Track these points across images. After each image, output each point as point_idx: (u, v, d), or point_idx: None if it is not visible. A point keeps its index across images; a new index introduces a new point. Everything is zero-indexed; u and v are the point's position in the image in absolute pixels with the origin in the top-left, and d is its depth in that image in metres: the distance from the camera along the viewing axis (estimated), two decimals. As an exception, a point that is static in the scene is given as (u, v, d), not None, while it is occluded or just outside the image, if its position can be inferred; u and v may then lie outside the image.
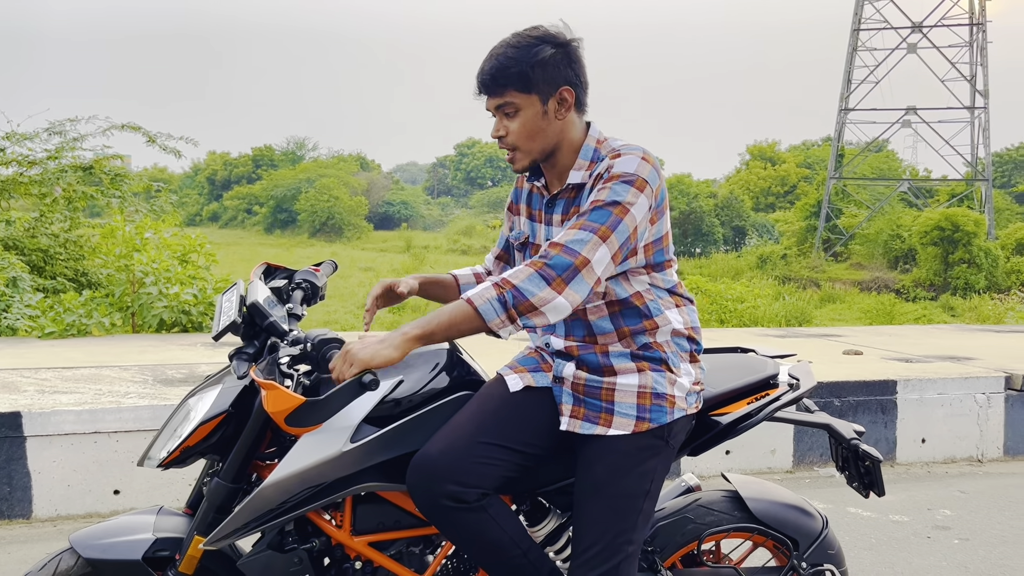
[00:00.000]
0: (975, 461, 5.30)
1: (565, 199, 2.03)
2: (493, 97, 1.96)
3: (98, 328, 7.06)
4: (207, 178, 71.15)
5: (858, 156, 40.02)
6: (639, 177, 1.88)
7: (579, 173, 1.99)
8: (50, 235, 9.03)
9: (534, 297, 1.78)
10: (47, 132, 9.10)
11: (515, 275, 1.81)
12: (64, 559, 2.06)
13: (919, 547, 3.85)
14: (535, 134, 1.97)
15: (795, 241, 36.90)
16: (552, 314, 1.81)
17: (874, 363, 5.90)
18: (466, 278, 2.36)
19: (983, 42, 35.49)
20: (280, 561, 1.99)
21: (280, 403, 1.82)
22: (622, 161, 1.91)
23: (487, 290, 1.80)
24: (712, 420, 2.18)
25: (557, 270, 1.80)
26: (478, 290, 1.81)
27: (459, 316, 1.80)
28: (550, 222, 2.06)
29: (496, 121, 1.99)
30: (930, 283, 28.73)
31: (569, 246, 1.82)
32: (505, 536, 1.97)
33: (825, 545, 2.37)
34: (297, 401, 1.82)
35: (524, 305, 1.79)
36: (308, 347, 1.88)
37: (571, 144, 2.01)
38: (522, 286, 1.79)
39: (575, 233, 1.83)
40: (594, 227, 1.83)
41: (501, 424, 1.98)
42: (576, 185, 2.00)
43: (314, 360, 1.89)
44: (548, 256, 1.82)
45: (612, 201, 1.85)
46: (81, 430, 4.00)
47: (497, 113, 1.98)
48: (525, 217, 2.17)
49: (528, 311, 1.79)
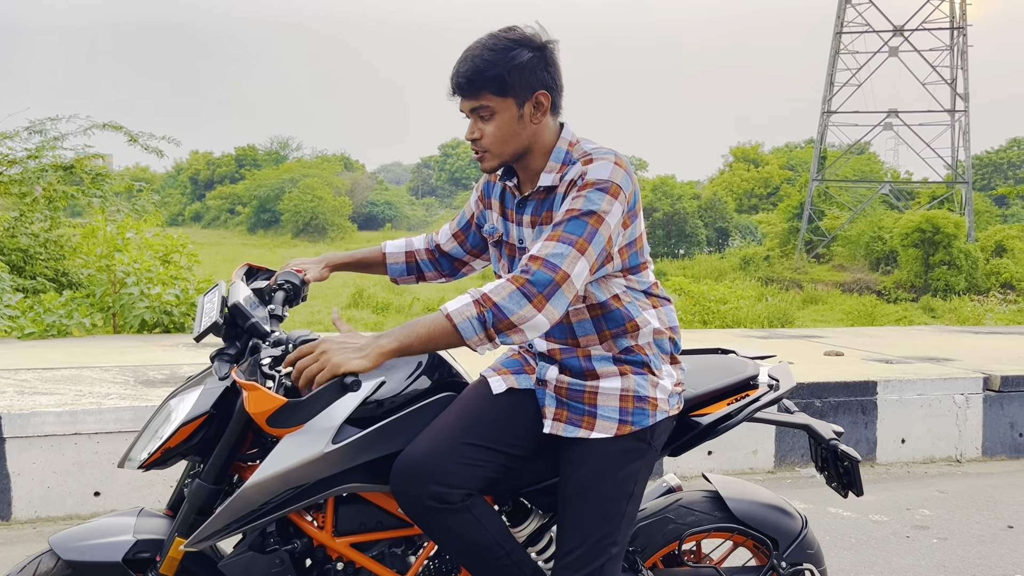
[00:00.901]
0: (954, 461, 5.35)
1: (535, 200, 2.02)
2: (468, 100, 1.95)
3: (79, 329, 7.00)
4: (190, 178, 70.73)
5: (840, 158, 40.33)
6: (613, 183, 1.88)
7: (550, 176, 1.98)
8: (30, 235, 8.94)
9: (514, 315, 1.77)
10: (27, 131, 9.02)
11: (496, 291, 1.79)
12: (44, 561, 2.04)
13: (898, 546, 3.89)
14: (509, 138, 1.96)
15: (778, 243, 37.10)
16: (531, 332, 1.80)
17: (855, 364, 5.95)
18: (395, 257, 2.39)
19: (964, 46, 35.85)
20: (262, 562, 1.98)
21: (261, 404, 1.82)
22: (595, 167, 1.90)
23: (467, 307, 1.78)
24: (693, 421, 2.19)
25: (538, 287, 1.78)
26: (458, 306, 1.79)
27: (437, 331, 1.78)
28: (520, 222, 2.06)
29: (471, 123, 1.99)
30: (911, 285, 28.97)
31: (549, 260, 1.80)
32: (489, 537, 1.97)
33: (804, 545, 2.39)
34: (279, 402, 1.82)
35: (504, 323, 1.77)
36: (290, 348, 1.88)
37: (543, 146, 2.00)
38: (503, 304, 1.77)
39: (554, 246, 1.82)
40: (572, 239, 1.82)
41: (485, 426, 1.99)
42: (547, 187, 1.99)
43: (296, 362, 1.88)
44: (529, 271, 1.79)
45: (588, 211, 1.84)
46: (61, 431, 3.97)
47: (471, 115, 1.97)
48: (498, 214, 2.16)
49: (507, 329, 1.78)
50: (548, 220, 1.98)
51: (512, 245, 2.11)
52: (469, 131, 1.99)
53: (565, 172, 1.96)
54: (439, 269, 2.41)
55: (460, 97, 1.96)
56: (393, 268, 2.39)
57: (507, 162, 2.00)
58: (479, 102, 1.93)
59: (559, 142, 2.01)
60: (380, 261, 2.39)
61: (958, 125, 36.00)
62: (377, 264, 2.40)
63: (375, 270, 2.42)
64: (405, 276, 2.41)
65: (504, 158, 1.99)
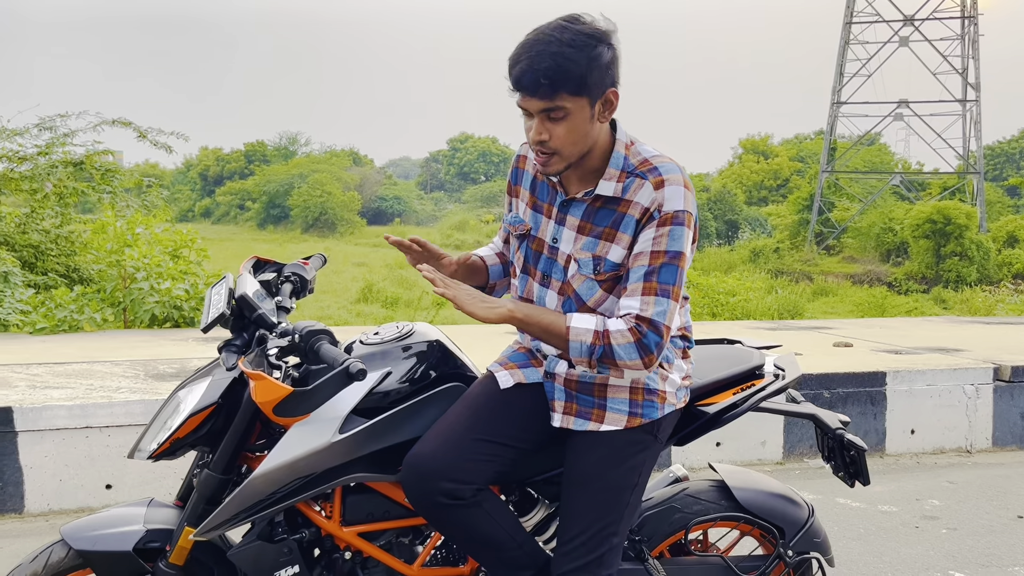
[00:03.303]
0: (964, 452, 5.33)
1: (586, 205, 1.93)
2: (541, 99, 1.78)
3: (89, 324, 7.05)
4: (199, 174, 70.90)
5: (850, 150, 40.10)
6: (688, 213, 1.85)
7: (610, 184, 1.89)
8: (41, 231, 9.00)
9: (622, 361, 1.85)
10: (37, 128, 9.07)
11: (616, 335, 1.84)
12: (55, 551, 2.07)
13: (907, 536, 3.88)
14: (579, 139, 1.84)
15: (788, 235, 36.96)
16: (628, 374, 1.91)
17: (864, 355, 5.93)
18: (491, 259, 2.28)
19: (975, 35, 35.54)
20: (270, 551, 2.00)
21: (268, 393, 1.83)
22: (669, 195, 1.84)
23: (587, 332, 1.85)
24: (699, 410, 2.20)
25: (651, 347, 1.84)
26: (580, 326, 1.86)
27: (554, 331, 1.88)
28: (562, 222, 1.97)
29: (536, 123, 1.82)
30: (922, 276, 28.83)
31: (655, 320, 1.84)
32: (501, 530, 1.99)
33: (811, 533, 2.40)
34: (285, 391, 1.83)
35: (609, 361, 1.86)
36: (296, 338, 1.89)
37: (601, 146, 1.90)
38: (617, 349, 1.84)
39: (655, 302, 1.84)
40: (668, 290, 1.85)
41: (493, 421, 2.00)
42: (605, 197, 1.90)
43: (302, 351, 1.90)
44: (644, 333, 1.83)
45: (675, 252, 1.85)
46: (72, 425, 4.00)
47: (539, 115, 1.81)
48: (527, 205, 2.07)
49: (610, 365, 1.87)
50: (611, 237, 1.90)
51: (541, 241, 2.02)
52: (536, 132, 1.83)
53: (627, 183, 1.88)
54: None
55: (529, 96, 1.79)
56: (493, 270, 2.27)
57: (573, 164, 1.88)
58: (554, 103, 1.78)
59: (616, 145, 1.91)
60: (483, 268, 2.26)
61: (969, 115, 35.74)
62: (481, 270, 2.25)
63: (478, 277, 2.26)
64: (502, 279, 2.30)
65: (572, 160, 1.86)
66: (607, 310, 1.96)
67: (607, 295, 1.95)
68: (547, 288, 2.03)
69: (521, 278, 2.11)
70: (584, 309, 1.97)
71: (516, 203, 2.13)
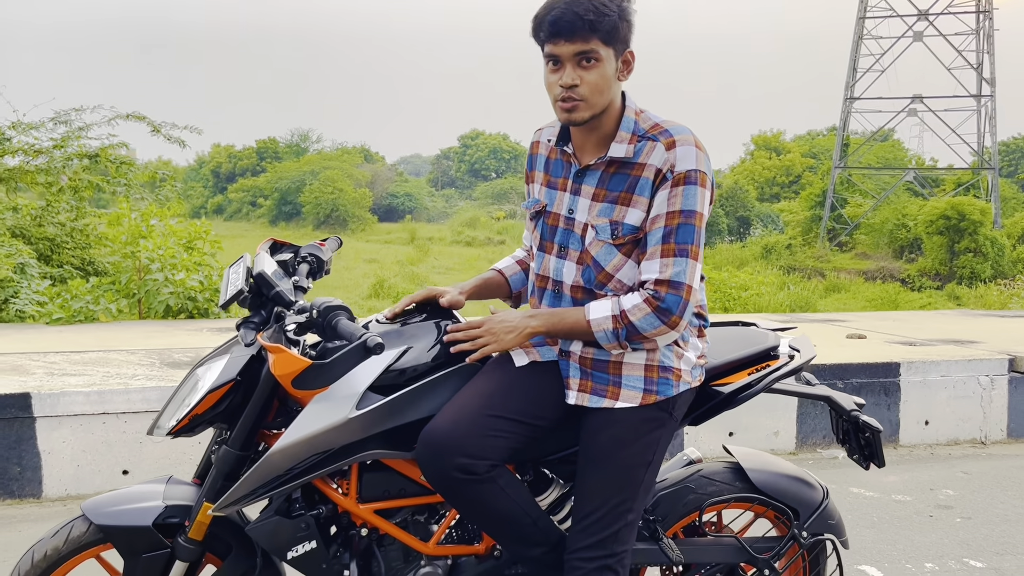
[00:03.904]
0: (978, 443, 5.31)
1: (599, 171, 1.97)
2: (576, 42, 1.82)
3: (105, 314, 7.10)
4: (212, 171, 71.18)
5: (863, 145, 39.87)
6: (701, 172, 1.88)
7: (621, 147, 1.93)
8: (57, 224, 9.07)
9: (648, 333, 1.92)
10: (52, 121, 9.12)
11: (633, 311, 1.90)
12: (76, 526, 2.09)
13: (921, 525, 3.87)
14: (605, 89, 1.88)
15: (800, 231, 36.79)
16: (662, 341, 1.96)
17: (877, 346, 5.91)
18: (511, 269, 2.32)
19: (989, 29, 35.27)
20: (287, 526, 2.02)
21: (287, 366, 1.85)
22: (681, 155, 1.87)
23: (606, 320, 1.92)
24: (713, 390, 2.20)
25: (672, 310, 1.89)
26: (599, 316, 1.93)
27: (578, 330, 1.96)
28: (578, 192, 2.00)
29: (568, 68, 1.86)
30: (935, 272, 28.64)
31: (675, 280, 1.88)
32: (515, 506, 2.00)
33: (826, 515, 2.40)
34: (304, 363, 1.85)
35: (637, 337, 1.93)
36: (314, 313, 1.91)
37: (614, 110, 1.95)
38: (638, 324, 1.90)
39: (673, 263, 1.89)
40: (687, 249, 1.89)
41: (508, 398, 2.01)
42: (619, 160, 1.94)
43: (320, 327, 1.91)
44: (661, 297, 1.89)
45: (690, 211, 1.88)
46: (90, 411, 4.04)
47: (571, 60, 1.85)
48: (543, 185, 2.10)
49: (640, 339, 1.94)
50: (627, 201, 1.93)
51: (556, 215, 2.05)
52: (569, 77, 1.85)
53: (639, 146, 1.92)
54: None
55: (563, 39, 1.83)
56: (514, 280, 2.31)
57: (595, 116, 1.91)
58: (588, 46, 1.83)
59: (626, 110, 1.96)
60: (502, 280, 2.31)
61: (984, 110, 35.47)
62: (500, 284, 2.30)
63: (499, 292, 2.32)
64: (525, 285, 2.32)
65: (596, 110, 1.90)
66: (625, 275, 1.97)
67: (626, 259, 1.97)
68: (564, 260, 2.04)
69: (537, 256, 2.12)
70: (603, 276, 1.98)
71: (532, 188, 2.17)
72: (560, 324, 1.97)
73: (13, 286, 7.17)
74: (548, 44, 1.87)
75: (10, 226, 8.40)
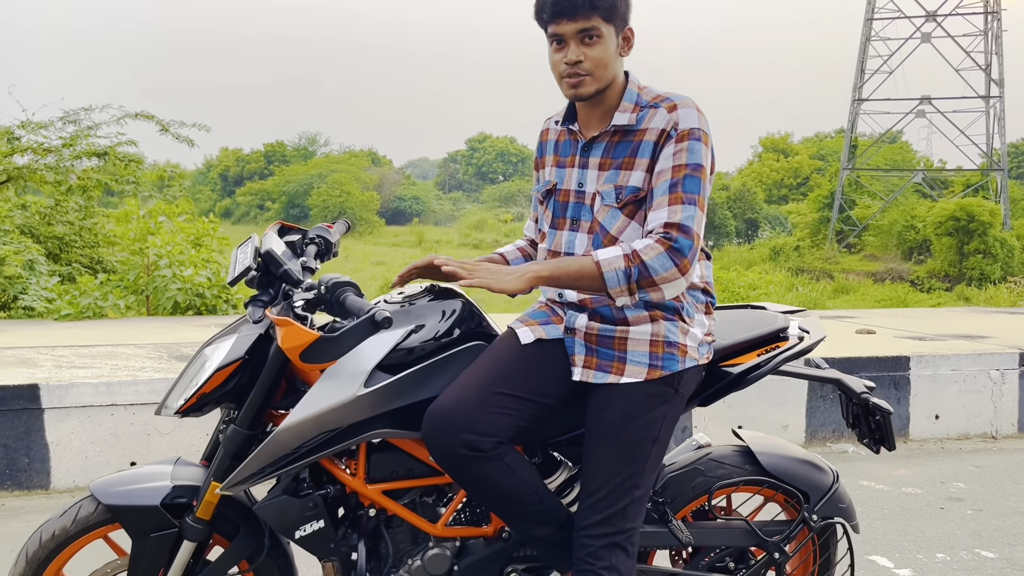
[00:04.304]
0: (989, 438, 5.28)
1: (604, 142, 2.02)
2: (578, 20, 1.90)
3: (113, 311, 7.12)
4: (219, 174, 71.49)
5: (872, 146, 39.74)
6: (703, 131, 1.93)
7: (624, 115, 1.98)
8: (66, 223, 9.12)
9: (658, 276, 1.86)
10: (62, 121, 9.18)
11: (645, 251, 1.87)
12: (84, 506, 2.10)
13: (932, 517, 3.85)
14: (608, 64, 1.95)
15: (808, 233, 36.69)
16: (670, 291, 1.91)
17: (887, 341, 5.88)
18: (512, 254, 2.36)
19: (998, 30, 35.11)
20: (295, 506, 2.01)
21: (296, 338, 1.85)
22: (683, 115, 1.93)
23: (617, 259, 1.87)
24: (723, 371, 2.19)
25: (684, 252, 1.87)
26: (609, 256, 1.88)
27: (585, 273, 1.89)
28: (585, 165, 2.04)
29: (572, 46, 1.93)
30: (945, 274, 28.50)
31: (685, 225, 1.88)
32: (521, 484, 1.99)
33: (836, 499, 2.38)
34: (312, 336, 1.84)
35: (647, 281, 1.87)
36: (322, 289, 1.91)
37: (617, 85, 2.01)
38: (650, 263, 1.86)
39: (682, 209, 1.89)
40: (694, 199, 1.90)
41: (514, 375, 2.00)
42: (621, 128, 1.99)
43: (328, 303, 1.91)
44: (673, 238, 1.87)
45: (696, 164, 1.91)
46: (98, 402, 4.05)
47: (574, 38, 1.93)
48: (552, 166, 2.15)
49: (649, 286, 1.88)
50: (630, 165, 1.97)
51: (567, 191, 2.08)
52: (572, 55, 1.93)
53: (641, 114, 1.97)
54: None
55: (565, 18, 1.91)
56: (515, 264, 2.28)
57: (600, 90, 1.97)
58: (589, 23, 1.91)
59: (628, 84, 2.02)
60: (503, 263, 2.30)
61: (993, 111, 35.31)
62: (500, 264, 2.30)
63: None
64: None
65: (601, 84, 1.96)
66: (629, 238, 1.99)
67: (629, 220, 1.98)
68: (576, 232, 2.06)
69: (550, 234, 2.13)
70: (608, 239, 2.00)
71: (543, 172, 2.20)
72: (565, 269, 1.91)
73: (22, 282, 7.20)
74: (551, 24, 1.94)
75: (19, 224, 8.44)
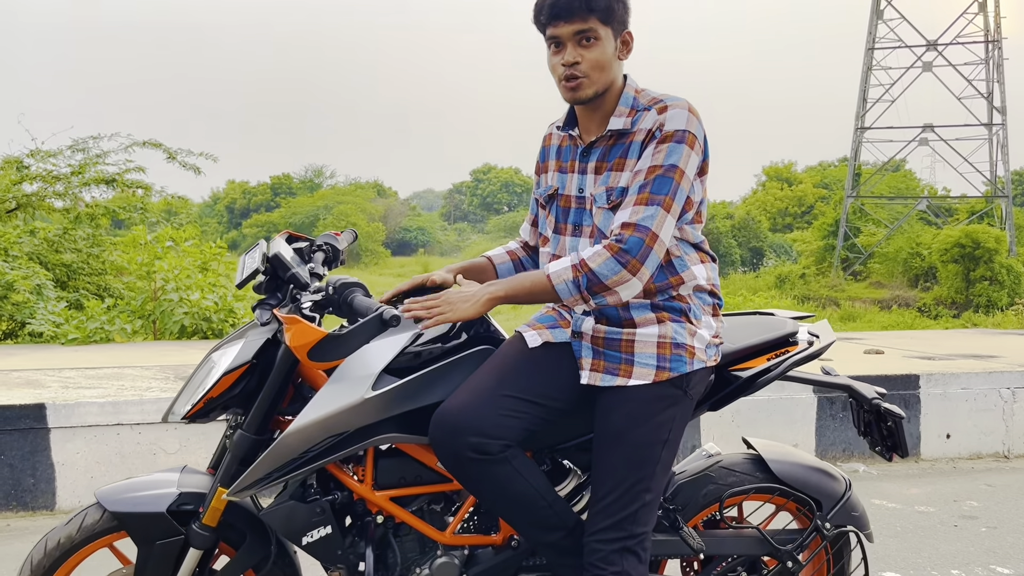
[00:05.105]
0: (1001, 457, 5.22)
1: (602, 147, 2.02)
2: (575, 22, 1.91)
3: (120, 335, 7.13)
4: (226, 207, 71.89)
5: (875, 175, 39.83)
6: (689, 133, 1.92)
7: (620, 120, 1.99)
8: (74, 251, 9.16)
9: (608, 280, 1.87)
10: (71, 149, 9.27)
11: (592, 258, 1.88)
12: (90, 513, 2.08)
13: (946, 534, 3.80)
14: (606, 67, 1.96)
15: (813, 260, 36.65)
16: (625, 292, 1.90)
17: (896, 360, 5.85)
18: (500, 258, 2.35)
19: (999, 59, 35.33)
20: (302, 511, 2.00)
21: (303, 336, 1.84)
22: (672, 116, 1.93)
23: (566, 271, 1.90)
24: (732, 375, 2.18)
25: (632, 252, 1.86)
26: (558, 268, 1.91)
27: (538, 288, 1.93)
28: (584, 170, 2.05)
29: (569, 48, 1.94)
30: (952, 301, 28.38)
31: (641, 224, 1.87)
32: (530, 488, 1.97)
33: (849, 507, 2.35)
34: (320, 334, 1.84)
35: (598, 287, 1.88)
36: (330, 290, 1.90)
37: (616, 89, 2.01)
38: (598, 270, 1.87)
39: (643, 210, 1.88)
40: (659, 199, 1.88)
41: (521, 378, 1.99)
42: (616, 132, 1.99)
43: (336, 303, 1.91)
44: (623, 239, 1.87)
45: (671, 165, 1.90)
46: (104, 422, 4.04)
47: (571, 40, 1.94)
48: (554, 171, 2.15)
49: (602, 291, 1.89)
50: (620, 167, 1.98)
51: (568, 196, 2.09)
52: (570, 56, 1.94)
53: (636, 117, 1.98)
54: (536, 262, 2.38)
55: (562, 21, 1.92)
56: (502, 269, 2.34)
57: (599, 93, 1.98)
58: (586, 25, 1.92)
59: (626, 88, 2.03)
60: (490, 268, 2.33)
61: (996, 139, 35.42)
62: (487, 271, 2.33)
63: (486, 278, 2.30)
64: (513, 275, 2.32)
65: (599, 87, 1.97)
66: None
67: None
68: (579, 237, 2.06)
69: (553, 239, 2.13)
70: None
71: (544, 177, 2.20)
72: (520, 286, 1.94)
73: (30, 307, 7.22)
74: (549, 27, 1.96)
75: (27, 251, 8.49)
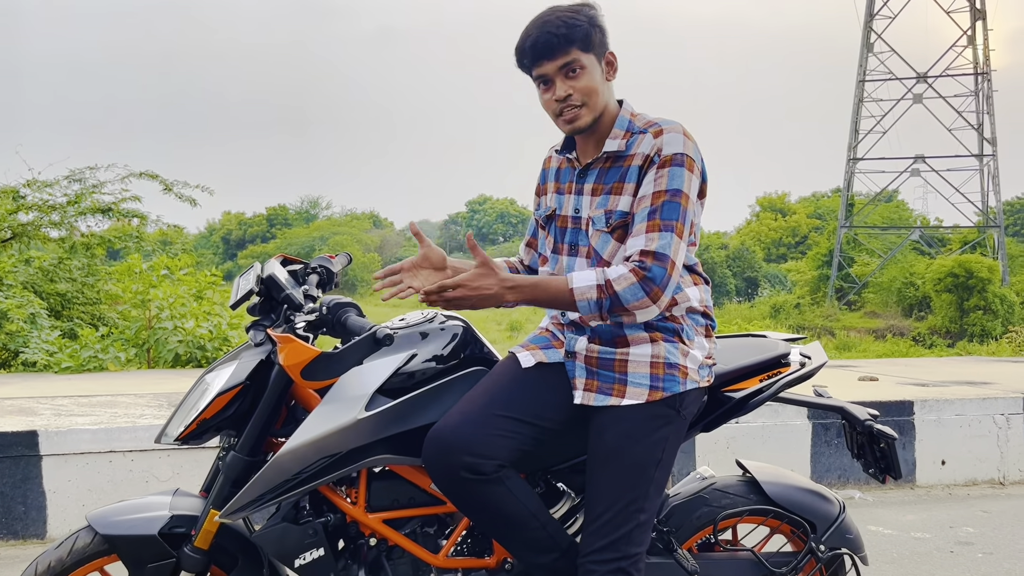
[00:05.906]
0: (997, 483, 5.21)
1: (598, 169, 2.04)
2: (556, 58, 1.95)
3: (114, 363, 7.11)
4: (222, 237, 71.97)
5: (868, 205, 40.10)
6: (688, 156, 1.94)
7: (615, 142, 2.01)
8: (69, 280, 9.16)
9: (630, 304, 1.90)
10: (67, 179, 9.30)
11: (618, 281, 1.89)
12: (81, 536, 2.07)
13: (942, 560, 3.78)
14: (596, 91, 1.99)
15: (808, 290, 36.80)
16: (642, 316, 1.93)
17: (890, 387, 5.85)
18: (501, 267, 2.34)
19: (988, 91, 35.79)
20: (295, 533, 1.99)
21: (296, 355, 1.85)
22: (669, 140, 1.95)
23: (590, 289, 1.90)
24: (725, 396, 2.19)
25: (656, 281, 1.89)
26: (582, 285, 1.91)
27: (559, 299, 1.93)
28: (580, 192, 2.07)
29: (558, 83, 1.97)
30: (946, 330, 28.47)
31: (660, 253, 1.90)
32: (524, 509, 1.97)
33: (843, 529, 2.35)
34: (313, 353, 1.85)
35: (619, 309, 1.91)
36: (324, 310, 1.91)
37: (610, 112, 2.04)
38: (622, 294, 1.89)
39: (658, 237, 1.90)
40: (671, 225, 1.91)
41: (515, 398, 2.00)
42: (612, 154, 2.02)
43: (330, 323, 1.92)
44: (647, 267, 1.89)
45: (675, 190, 1.92)
46: (96, 449, 4.01)
47: (558, 75, 1.97)
48: (553, 192, 2.18)
49: (621, 313, 1.92)
50: (619, 191, 1.99)
51: (565, 217, 2.12)
52: (560, 91, 1.97)
53: (631, 140, 2.00)
54: None
55: (545, 59, 1.96)
56: None
57: (596, 119, 2.00)
58: (569, 57, 1.95)
59: (621, 111, 2.05)
60: None
61: (987, 170, 35.74)
62: None
63: None
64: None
65: (595, 112, 1.99)
66: (619, 261, 1.99)
67: (620, 245, 2.00)
68: (576, 257, 2.08)
69: (552, 259, 2.15)
70: (601, 264, 2.02)
71: (544, 199, 2.23)
72: (541, 294, 1.94)
73: (23, 336, 7.21)
74: (534, 68, 2.00)
75: (22, 280, 8.49)
